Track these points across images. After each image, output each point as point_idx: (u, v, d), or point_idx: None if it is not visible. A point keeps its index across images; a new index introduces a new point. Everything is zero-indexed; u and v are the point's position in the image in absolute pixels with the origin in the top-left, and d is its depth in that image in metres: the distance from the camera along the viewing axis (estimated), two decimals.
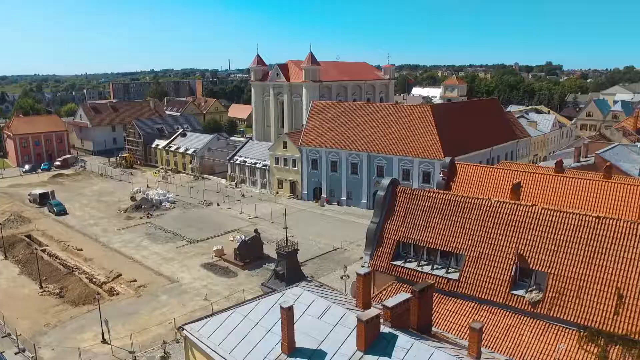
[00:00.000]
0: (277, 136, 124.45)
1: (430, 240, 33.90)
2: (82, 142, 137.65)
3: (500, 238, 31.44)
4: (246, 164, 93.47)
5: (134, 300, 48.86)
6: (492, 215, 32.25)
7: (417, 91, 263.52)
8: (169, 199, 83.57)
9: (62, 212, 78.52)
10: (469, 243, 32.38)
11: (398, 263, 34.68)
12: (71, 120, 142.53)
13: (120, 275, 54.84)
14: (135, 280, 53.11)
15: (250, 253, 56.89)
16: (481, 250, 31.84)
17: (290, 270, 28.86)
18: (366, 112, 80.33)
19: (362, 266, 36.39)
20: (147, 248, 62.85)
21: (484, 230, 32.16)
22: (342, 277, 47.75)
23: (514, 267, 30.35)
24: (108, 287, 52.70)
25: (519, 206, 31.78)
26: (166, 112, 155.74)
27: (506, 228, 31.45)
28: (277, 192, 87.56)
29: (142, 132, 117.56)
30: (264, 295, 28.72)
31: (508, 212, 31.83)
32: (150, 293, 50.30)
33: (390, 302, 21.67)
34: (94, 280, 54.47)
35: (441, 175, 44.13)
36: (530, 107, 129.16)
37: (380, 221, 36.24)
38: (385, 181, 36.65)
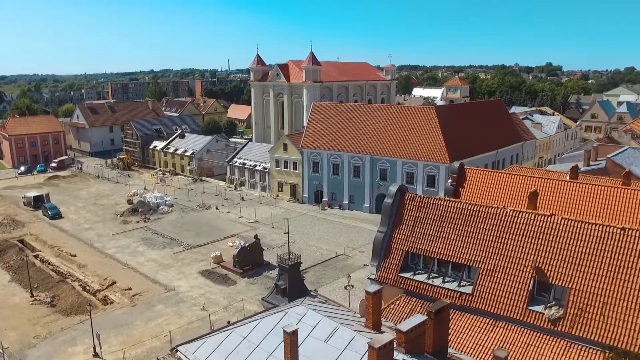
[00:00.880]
0: (277, 137, 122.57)
1: (441, 251, 31.97)
2: (79, 143, 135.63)
3: (516, 250, 29.52)
4: (246, 166, 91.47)
5: (129, 310, 46.84)
6: (507, 225, 30.32)
7: (417, 92, 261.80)
8: (167, 202, 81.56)
9: (56, 215, 76.47)
10: (483, 255, 30.46)
11: (407, 275, 32.75)
12: (68, 120, 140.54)
13: (115, 282, 52.83)
14: (130, 289, 51.09)
15: (249, 260, 54.92)
16: (496, 263, 29.91)
17: (292, 284, 26.97)
18: (368, 113, 78.38)
19: (369, 278, 34.44)
20: (143, 254, 60.83)
21: (499, 241, 30.23)
22: (346, 287, 45.79)
23: (532, 281, 28.44)
24: (102, 295, 50.71)
25: (536, 216, 29.84)
26: (165, 112, 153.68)
27: (523, 239, 29.52)
28: (278, 195, 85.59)
29: (140, 133, 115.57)
30: (265, 311, 26.79)
31: (525, 222, 29.89)
32: (146, 302, 48.29)
33: (405, 325, 19.73)
34: (87, 288, 52.49)
35: (449, 180, 42.16)
36: (534, 108, 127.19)
37: (388, 230, 34.29)
38: (393, 188, 34.67)
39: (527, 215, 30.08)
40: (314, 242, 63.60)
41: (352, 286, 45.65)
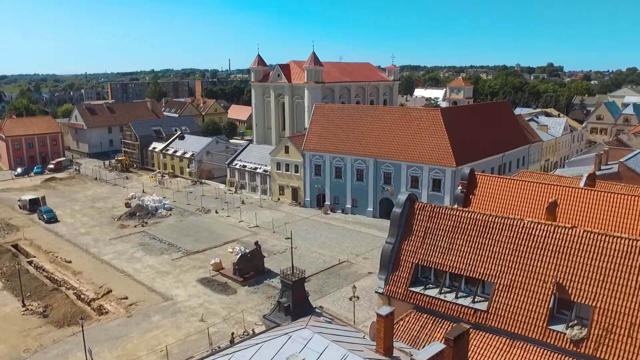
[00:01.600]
0: (278, 139, 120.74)
1: (454, 265, 30.10)
2: (77, 144, 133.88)
3: (535, 264, 27.64)
4: (246, 168, 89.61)
5: (124, 321, 44.97)
6: (525, 237, 28.44)
7: (419, 92, 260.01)
8: (165, 206, 79.70)
9: (52, 219, 74.63)
10: (499, 269, 28.59)
11: (417, 289, 30.87)
12: (67, 121, 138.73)
13: (111, 291, 50.97)
14: (126, 298, 49.23)
15: (250, 267, 53.06)
16: (513, 278, 28.03)
17: (296, 302, 25.07)
18: (372, 115, 76.48)
19: (376, 292, 32.56)
20: (141, 260, 58.97)
21: (517, 254, 28.35)
22: (351, 298, 43.93)
23: (552, 299, 26.57)
24: (97, 304, 48.85)
25: (556, 228, 27.95)
26: (164, 113, 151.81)
27: (542, 253, 27.65)
28: (279, 199, 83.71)
29: (139, 134, 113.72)
30: (267, 331, 24.95)
31: (544, 234, 28.01)
32: (142, 312, 46.42)
33: (422, 355, 17.86)
34: (82, 296, 50.64)
35: (459, 187, 40.27)
36: (540, 109, 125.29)
37: (397, 242, 32.37)
38: (402, 197, 32.79)
39: (546, 227, 28.20)
40: (316, 248, 61.73)
41: (358, 297, 43.83)
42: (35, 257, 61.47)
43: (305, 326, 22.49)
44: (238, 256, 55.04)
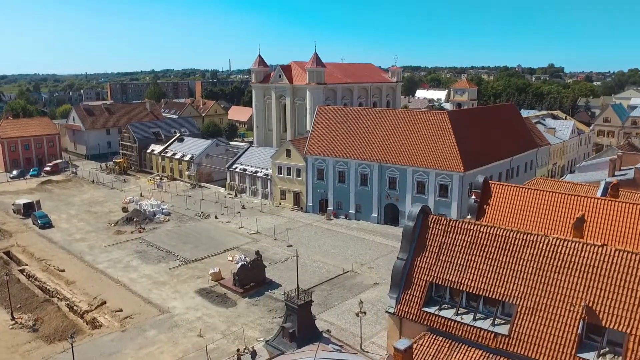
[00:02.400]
0: (279, 141, 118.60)
1: (471, 284, 27.86)
2: (75, 146, 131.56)
3: (562, 285, 25.40)
4: (246, 172, 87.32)
5: (118, 336, 42.69)
6: (551, 256, 26.20)
7: (421, 94, 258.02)
8: (163, 211, 77.43)
9: (46, 224, 72.36)
10: (522, 290, 26.34)
11: (431, 310, 28.62)
12: (64, 122, 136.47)
13: (105, 302, 48.71)
14: (120, 310, 46.96)
15: (250, 278, 50.79)
16: (537, 300, 25.78)
17: (302, 327, 22.85)
18: (377, 118, 74.20)
19: (387, 312, 30.28)
20: (137, 269, 56.68)
21: (541, 274, 26.11)
22: (357, 314, 41.60)
23: (581, 323, 24.34)
24: (90, 317, 46.61)
25: (584, 246, 25.71)
26: (163, 114, 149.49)
27: (570, 273, 25.42)
28: (280, 204, 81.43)
29: (137, 136, 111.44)
30: (271, 359, 22.76)
31: (571, 253, 25.78)
32: (137, 326, 44.14)
33: None
34: (75, 308, 48.39)
35: (473, 197, 38.01)
36: (546, 112, 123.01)
37: (409, 258, 30.11)
38: (415, 209, 30.50)
39: (573, 244, 25.94)
40: (319, 257, 59.45)
41: (365, 313, 41.52)
42: (27, 265, 59.23)
43: (314, 358, 20.30)
44: (238, 266, 52.80)
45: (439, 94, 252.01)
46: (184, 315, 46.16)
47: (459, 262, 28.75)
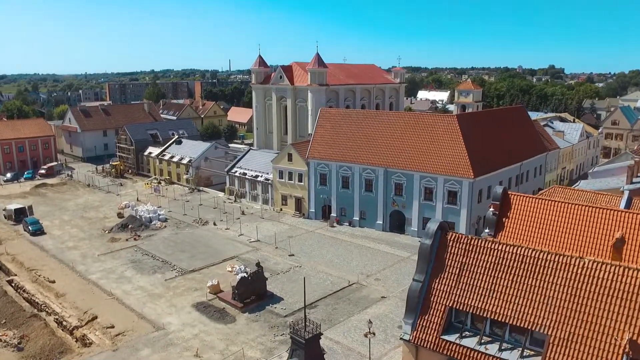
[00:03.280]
0: (279, 144, 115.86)
1: (496, 310, 25.12)
2: (71, 148, 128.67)
3: (601, 315, 22.66)
4: (246, 176, 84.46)
5: (109, 356, 39.85)
6: (587, 281, 23.45)
7: (423, 95, 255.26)
8: (160, 217, 74.60)
9: (38, 231, 69.49)
10: (554, 318, 23.60)
11: (451, 338, 25.87)
12: (60, 124, 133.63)
13: (96, 318, 45.86)
14: (112, 326, 44.12)
15: (250, 291, 47.94)
16: (573, 330, 23.04)
17: None
18: (382, 121, 71.37)
19: (401, 338, 27.50)
20: (131, 280, 53.83)
21: (577, 301, 23.37)
22: (366, 335, 38.77)
23: (624, 359, 21.59)
24: (80, 333, 43.73)
25: (625, 270, 22.96)
26: (162, 115, 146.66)
27: (610, 301, 22.66)
28: (281, 209, 78.58)
29: (134, 138, 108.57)
30: None
31: (612, 277, 23.03)
32: (130, 345, 41.30)
33: None
34: (64, 323, 45.54)
35: (491, 209, 35.24)
36: (554, 114, 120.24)
37: (426, 279, 27.34)
38: (433, 225, 27.73)
39: (613, 268, 23.19)
40: (323, 267, 56.63)
41: (374, 334, 38.69)
42: (16, 275, 56.38)
43: None
44: (238, 278, 50.01)
45: (440, 95, 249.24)
46: (179, 332, 43.33)
47: (482, 285, 26.00)
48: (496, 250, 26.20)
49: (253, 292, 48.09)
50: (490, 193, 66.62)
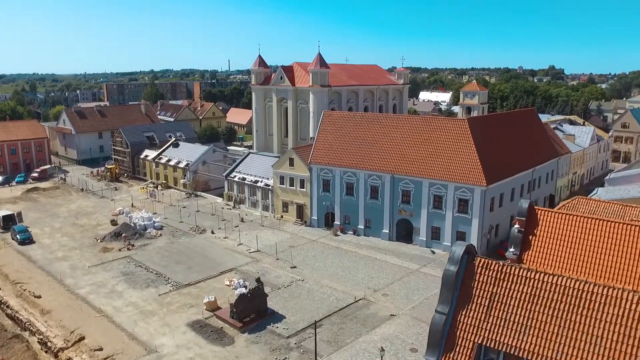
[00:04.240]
0: (279, 146, 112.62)
1: (534, 349, 21.75)
2: (65, 150, 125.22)
3: None
4: (246, 181, 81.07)
5: None
6: None
7: (425, 96, 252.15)
8: (155, 224, 71.20)
9: (26, 240, 66.08)
10: None
11: None
12: (55, 125, 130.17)
13: (83, 338, 42.48)
14: (100, 349, 40.73)
15: (250, 309, 44.58)
16: None
17: None
18: (389, 124, 68.02)
19: None
20: (122, 295, 50.42)
21: (629, 343, 19.99)
22: None
23: None
24: (65, 356, 40.41)
25: None
26: (159, 117, 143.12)
27: None
28: (282, 216, 75.20)
29: (130, 140, 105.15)
30: None
31: None
32: None
33: None
34: (48, 344, 42.18)
35: (517, 225, 31.88)
36: (563, 117, 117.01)
37: (451, 311, 23.96)
38: (458, 249, 24.34)
39: None
40: (327, 281, 53.24)
41: None
42: (0, 289, 52.95)
43: None
44: (236, 293, 46.72)
45: (443, 96, 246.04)
46: (173, 355, 39.94)
47: (516, 320, 22.62)
48: (533, 280, 22.83)
49: (253, 310, 44.74)
50: (503, 201, 63.71)
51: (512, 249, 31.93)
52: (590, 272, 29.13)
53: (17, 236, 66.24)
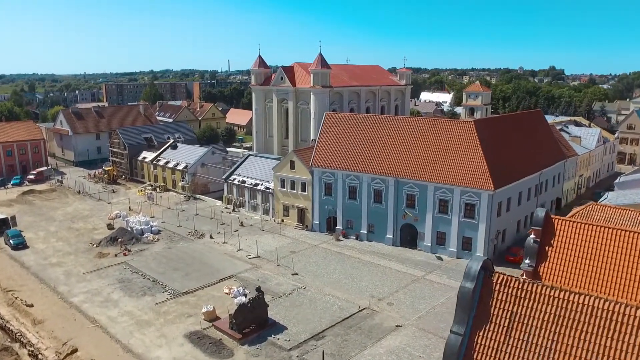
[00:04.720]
0: (280, 148, 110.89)
1: None
2: (62, 151, 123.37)
3: None
4: (245, 184, 79.28)
5: None
6: None
7: (426, 96, 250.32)
8: (153, 229, 69.45)
9: (20, 245, 64.27)
10: None
11: None
12: (52, 126, 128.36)
13: (76, 350, 40.70)
14: None
15: (250, 319, 42.79)
16: None
17: None
18: (393, 126, 66.28)
19: None
20: (117, 304, 48.61)
21: None
22: None
23: None
24: None
25: None
26: (158, 118, 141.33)
27: None
28: (283, 221, 73.41)
29: (128, 142, 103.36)
30: None
31: None
32: None
33: None
34: (39, 357, 40.37)
35: (532, 236, 30.12)
36: (568, 118, 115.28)
37: (467, 332, 22.15)
38: (474, 264, 22.55)
39: None
40: (329, 289, 51.46)
41: None
42: None
43: None
44: (235, 301, 45.00)
45: (444, 97, 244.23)
46: None
47: (538, 343, 20.82)
48: (557, 299, 21.02)
49: (253, 321, 42.95)
50: (510, 206, 61.94)
51: (527, 261, 30.16)
52: (613, 286, 27.40)
53: (10, 241, 64.46)
